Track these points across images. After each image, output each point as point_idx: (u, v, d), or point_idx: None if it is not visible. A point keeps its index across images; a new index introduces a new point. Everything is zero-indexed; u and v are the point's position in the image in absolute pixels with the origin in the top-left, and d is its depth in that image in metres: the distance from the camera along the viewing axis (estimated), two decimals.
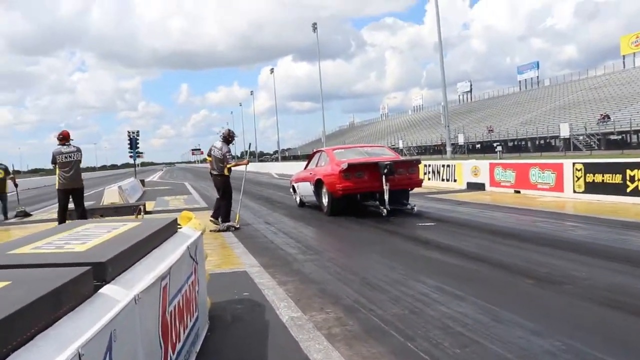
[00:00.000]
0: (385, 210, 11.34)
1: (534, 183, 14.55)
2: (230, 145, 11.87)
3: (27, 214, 15.84)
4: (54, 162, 11.06)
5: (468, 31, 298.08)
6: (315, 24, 68.14)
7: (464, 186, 17.95)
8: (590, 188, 12.63)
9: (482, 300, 4.85)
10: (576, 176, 13.05)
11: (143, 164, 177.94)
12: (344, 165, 11.73)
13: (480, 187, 16.98)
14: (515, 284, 5.50)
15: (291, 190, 16.08)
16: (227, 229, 10.59)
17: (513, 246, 7.49)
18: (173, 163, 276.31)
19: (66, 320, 1.90)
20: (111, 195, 17.52)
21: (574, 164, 13.25)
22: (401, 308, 4.79)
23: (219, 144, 11.80)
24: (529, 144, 68.06)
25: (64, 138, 11.14)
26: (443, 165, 19.76)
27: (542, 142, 66.00)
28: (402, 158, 13.86)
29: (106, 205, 16.16)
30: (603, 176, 12.32)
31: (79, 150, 11.27)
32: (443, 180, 19.47)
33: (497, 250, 7.26)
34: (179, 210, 16.12)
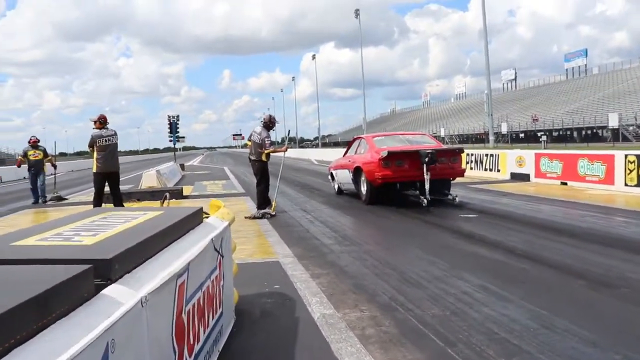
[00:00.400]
0: (425, 201, 10.95)
1: (582, 175, 13.94)
2: (271, 131, 11.65)
3: (60, 199, 15.83)
4: (91, 145, 11.00)
5: (514, 18, 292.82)
6: (357, 10, 67.39)
7: (508, 176, 17.39)
8: None
9: (530, 303, 4.48)
10: (628, 168, 12.42)
11: (185, 148, 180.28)
12: (384, 153, 11.39)
13: (524, 177, 16.41)
14: (567, 285, 5.09)
15: (329, 177, 15.82)
16: (263, 216, 10.37)
17: (562, 243, 7.05)
18: (214, 148, 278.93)
19: (53, 330, 1.63)
20: (149, 180, 17.52)
21: (626, 155, 12.61)
22: (441, 308, 4.45)
23: (259, 129, 11.62)
24: (575, 134, 66.37)
25: (104, 122, 11.08)
26: (486, 155, 19.18)
27: (588, 132, 64.27)
28: (444, 147, 13.41)
29: (144, 190, 16.14)
30: None
31: (116, 133, 11.20)
32: (486, 170, 18.92)
33: (545, 246, 6.83)
34: (216, 196, 16.02)
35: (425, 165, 11.03)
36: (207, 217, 4.07)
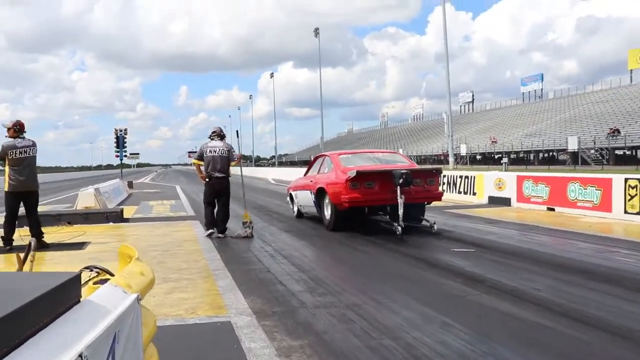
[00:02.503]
0: (399, 228, 9.31)
1: (573, 200, 12.51)
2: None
3: None
4: (2, 157, 8.99)
5: (469, 43, 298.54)
6: (317, 29, 66.30)
7: (485, 200, 15.92)
8: None
9: None
10: (629, 194, 11.02)
11: (139, 165, 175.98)
12: (352, 173, 9.78)
13: (505, 202, 14.95)
14: None
15: (288, 198, 14.11)
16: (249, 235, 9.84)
17: (598, 291, 5.42)
18: (169, 165, 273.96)
19: None
20: (86, 199, 15.37)
21: (626, 179, 11.20)
22: None
23: (219, 143, 10.41)
24: (532, 157, 66.19)
25: (20, 130, 9.11)
26: (461, 177, 17.70)
27: (546, 155, 64.12)
28: (418, 167, 11.84)
29: (77, 211, 14.05)
30: None
31: (34, 144, 9.23)
32: (460, 192, 17.43)
33: (584, 299, 5.16)
34: (161, 219, 14.06)
35: (399, 187, 9.45)
36: (100, 284, 2.28)
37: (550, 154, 64.04)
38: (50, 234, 10.79)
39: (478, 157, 74.73)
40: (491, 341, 3.97)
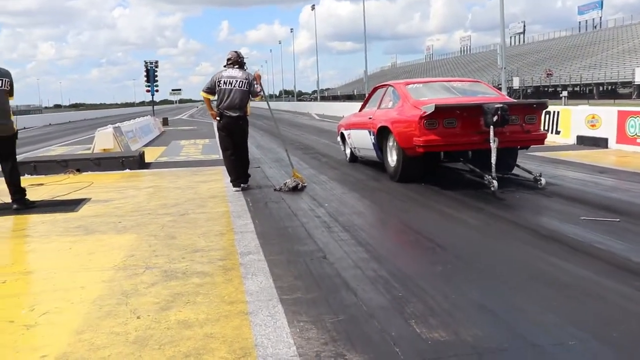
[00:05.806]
0: (495, 182, 6.92)
1: None
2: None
3: None
4: None
5: None
6: None
7: (572, 140, 13.27)
8: None
9: None
10: None
11: (181, 101, 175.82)
12: (429, 108, 7.30)
13: (599, 143, 12.27)
14: None
15: (339, 138, 11.72)
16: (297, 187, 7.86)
17: None
18: (212, 100, 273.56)
19: None
20: (104, 141, 13.18)
21: None
22: None
23: (236, 72, 7.95)
24: (589, 90, 61.82)
25: None
26: None
27: (603, 88, 59.77)
28: (513, 100, 9.28)
29: (87, 156, 11.95)
30: None
31: (7, 74, 6.98)
32: None
33: None
34: (189, 164, 11.85)
35: (492, 127, 7.01)
36: None
37: (611, 87, 59.71)
38: (50, 186, 8.79)
39: (529, 90, 70.45)
40: None
